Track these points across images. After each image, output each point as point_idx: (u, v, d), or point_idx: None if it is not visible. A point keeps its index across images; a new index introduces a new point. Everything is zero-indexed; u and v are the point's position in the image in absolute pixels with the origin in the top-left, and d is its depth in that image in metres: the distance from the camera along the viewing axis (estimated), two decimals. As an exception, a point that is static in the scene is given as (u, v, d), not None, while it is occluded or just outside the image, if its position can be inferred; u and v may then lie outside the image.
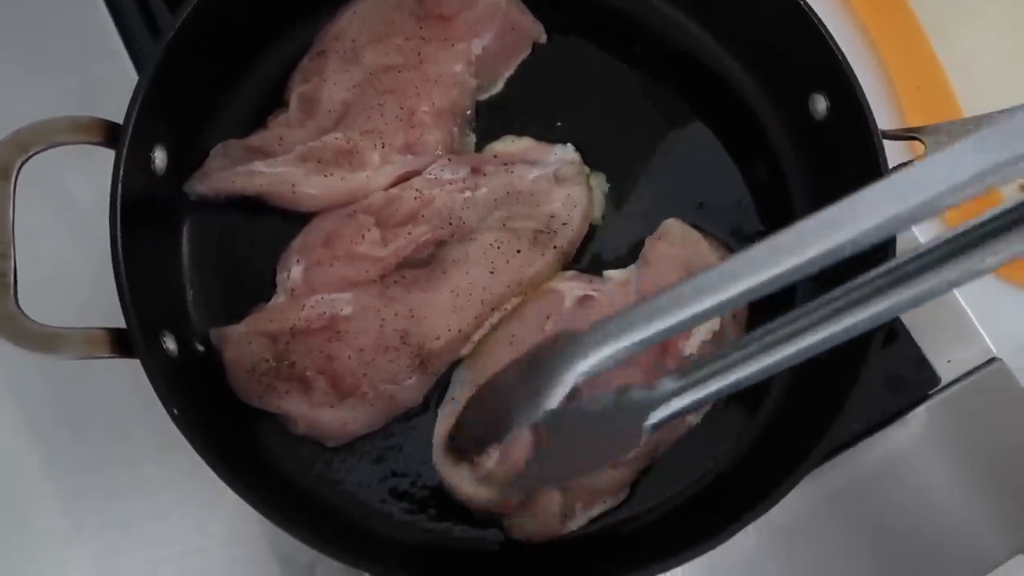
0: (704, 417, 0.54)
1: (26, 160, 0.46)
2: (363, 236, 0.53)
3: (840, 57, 0.53)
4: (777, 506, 0.47)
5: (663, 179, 0.59)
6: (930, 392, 0.59)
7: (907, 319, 0.60)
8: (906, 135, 0.53)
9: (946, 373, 0.60)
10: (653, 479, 0.53)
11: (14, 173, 0.46)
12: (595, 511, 0.52)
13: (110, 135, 0.48)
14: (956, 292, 0.62)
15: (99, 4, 0.63)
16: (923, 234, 0.62)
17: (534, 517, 0.50)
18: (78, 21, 0.63)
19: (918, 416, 0.59)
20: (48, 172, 0.48)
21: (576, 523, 0.51)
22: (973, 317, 0.61)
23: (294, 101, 0.57)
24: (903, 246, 0.50)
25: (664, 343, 0.53)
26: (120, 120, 0.49)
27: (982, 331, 0.61)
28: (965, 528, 0.58)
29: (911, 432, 0.59)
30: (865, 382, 0.49)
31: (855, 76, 0.52)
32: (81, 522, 0.56)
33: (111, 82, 0.60)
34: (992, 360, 0.61)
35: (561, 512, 0.50)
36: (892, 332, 0.59)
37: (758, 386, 0.55)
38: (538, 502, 0.50)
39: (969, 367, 0.60)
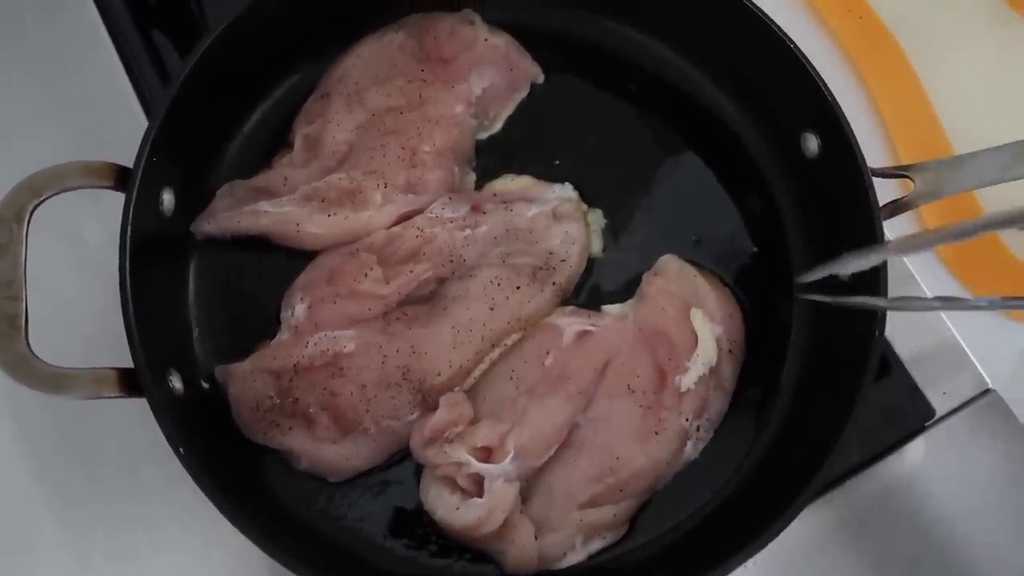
0: (702, 452, 0.54)
1: (38, 204, 0.47)
2: (365, 274, 0.54)
3: (830, 99, 0.54)
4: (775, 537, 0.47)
5: (659, 214, 0.60)
6: (926, 424, 0.60)
7: (901, 352, 0.61)
8: (895, 174, 0.53)
9: (941, 405, 0.60)
10: (652, 513, 0.54)
11: (27, 217, 0.47)
12: (595, 546, 0.52)
13: (120, 179, 0.49)
14: (950, 324, 0.62)
15: (110, 49, 0.64)
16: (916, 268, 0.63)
17: (513, 544, 0.49)
18: (89, 67, 0.64)
19: (915, 447, 0.59)
20: (57, 213, 0.49)
21: (576, 557, 0.51)
22: (967, 349, 0.62)
23: (298, 142, 0.57)
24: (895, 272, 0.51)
25: (662, 376, 0.54)
26: (130, 162, 0.49)
27: (976, 363, 0.61)
28: (962, 558, 0.58)
29: (908, 463, 0.59)
30: (861, 415, 0.49)
31: (845, 117, 0.53)
32: (85, 556, 0.56)
33: (120, 125, 0.61)
34: (986, 391, 0.61)
35: (536, 540, 0.50)
36: (886, 364, 0.60)
37: (756, 419, 0.56)
38: (512, 530, 0.49)
39: (964, 399, 0.61)
